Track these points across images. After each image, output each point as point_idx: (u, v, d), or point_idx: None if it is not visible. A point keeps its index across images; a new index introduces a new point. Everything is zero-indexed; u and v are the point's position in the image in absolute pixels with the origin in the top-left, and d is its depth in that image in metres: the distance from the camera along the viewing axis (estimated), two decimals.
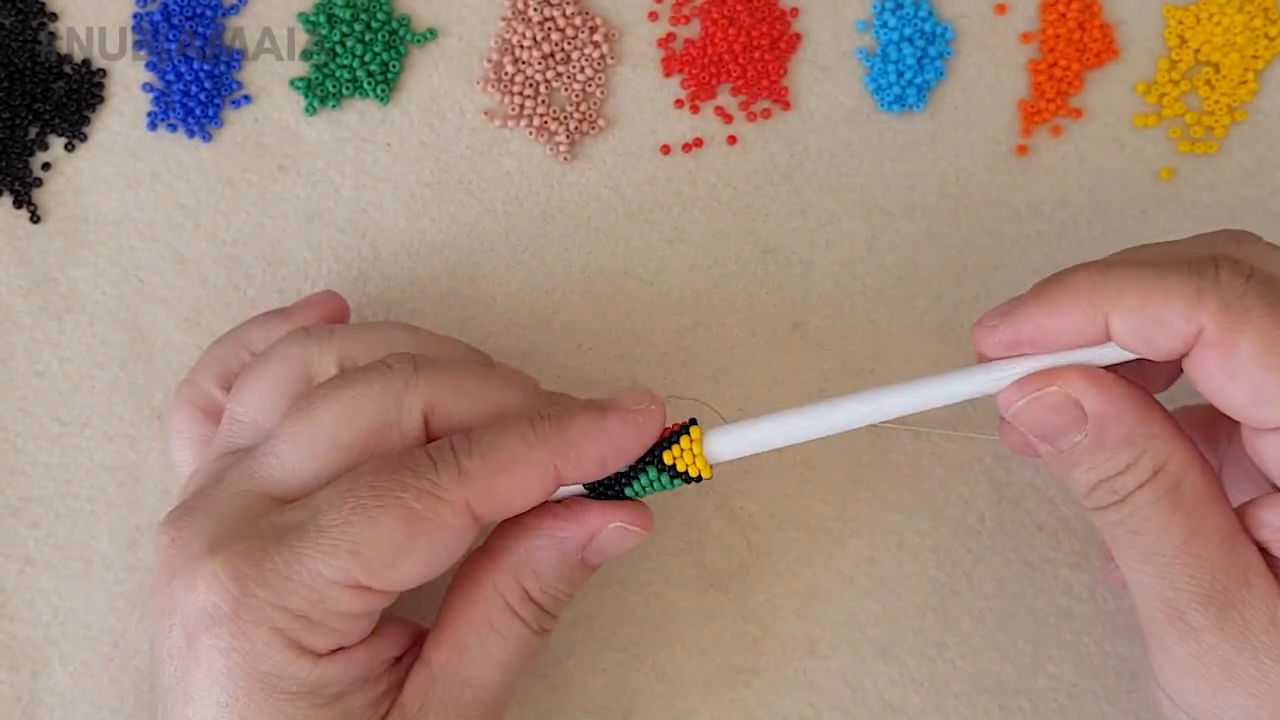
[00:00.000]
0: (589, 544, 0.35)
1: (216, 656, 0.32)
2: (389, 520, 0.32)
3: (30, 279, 0.44)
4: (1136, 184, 0.44)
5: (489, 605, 0.35)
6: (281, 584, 0.32)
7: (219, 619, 0.32)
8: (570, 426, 0.34)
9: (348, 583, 0.32)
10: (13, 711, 0.41)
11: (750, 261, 0.44)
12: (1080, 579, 0.42)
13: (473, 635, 0.34)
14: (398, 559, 0.32)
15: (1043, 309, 0.32)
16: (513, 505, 0.34)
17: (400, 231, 0.44)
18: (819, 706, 0.41)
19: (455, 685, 0.34)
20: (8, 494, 0.43)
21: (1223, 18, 0.44)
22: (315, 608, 0.32)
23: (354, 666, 0.33)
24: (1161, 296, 0.31)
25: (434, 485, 0.32)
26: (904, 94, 0.44)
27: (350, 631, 0.33)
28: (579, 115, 0.44)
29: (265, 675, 0.32)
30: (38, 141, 0.45)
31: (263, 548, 0.32)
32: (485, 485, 0.33)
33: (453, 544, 0.33)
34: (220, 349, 0.39)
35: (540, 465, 0.33)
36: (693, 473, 0.35)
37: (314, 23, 0.45)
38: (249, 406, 0.36)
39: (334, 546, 0.32)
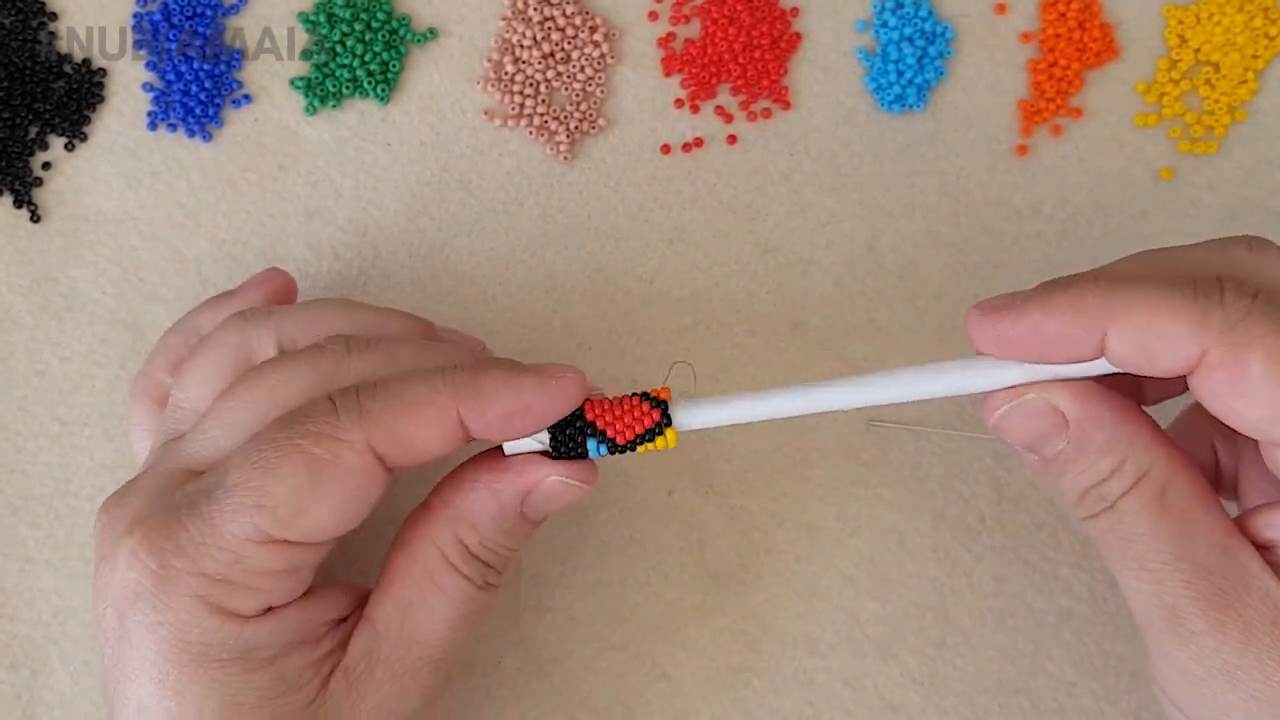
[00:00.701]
0: (527, 497, 0.34)
1: (144, 633, 0.32)
2: (289, 468, 0.31)
3: (30, 278, 0.44)
4: (1136, 183, 0.44)
5: (429, 560, 0.34)
6: (196, 550, 0.31)
7: (141, 594, 0.32)
8: (482, 378, 0.33)
9: (260, 538, 0.32)
10: (13, 710, 0.42)
11: (750, 261, 0.44)
12: (1080, 578, 0.42)
13: (415, 591, 0.34)
14: (304, 506, 0.32)
15: (1044, 313, 0.32)
16: (416, 449, 0.33)
17: (400, 230, 0.44)
18: (819, 705, 0.41)
19: (401, 642, 0.34)
20: (8, 493, 0.43)
21: (1223, 17, 0.44)
22: (233, 569, 0.32)
23: (285, 628, 0.33)
24: (1166, 317, 0.30)
25: (333, 428, 0.32)
26: (904, 93, 0.44)
27: (275, 589, 0.32)
28: (579, 115, 0.44)
29: (193, 645, 0.31)
30: (38, 141, 0.45)
31: (176, 517, 0.32)
32: (387, 426, 0.32)
33: (360, 486, 0.32)
34: (171, 337, 0.39)
35: (444, 409, 0.33)
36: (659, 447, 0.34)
37: (314, 22, 0.45)
38: (190, 393, 0.36)
39: (240, 503, 0.31)
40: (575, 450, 0.34)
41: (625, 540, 0.42)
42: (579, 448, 0.34)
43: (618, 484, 0.42)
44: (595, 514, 0.42)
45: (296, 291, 0.41)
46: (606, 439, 0.34)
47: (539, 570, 0.42)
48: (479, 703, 0.41)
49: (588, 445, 0.34)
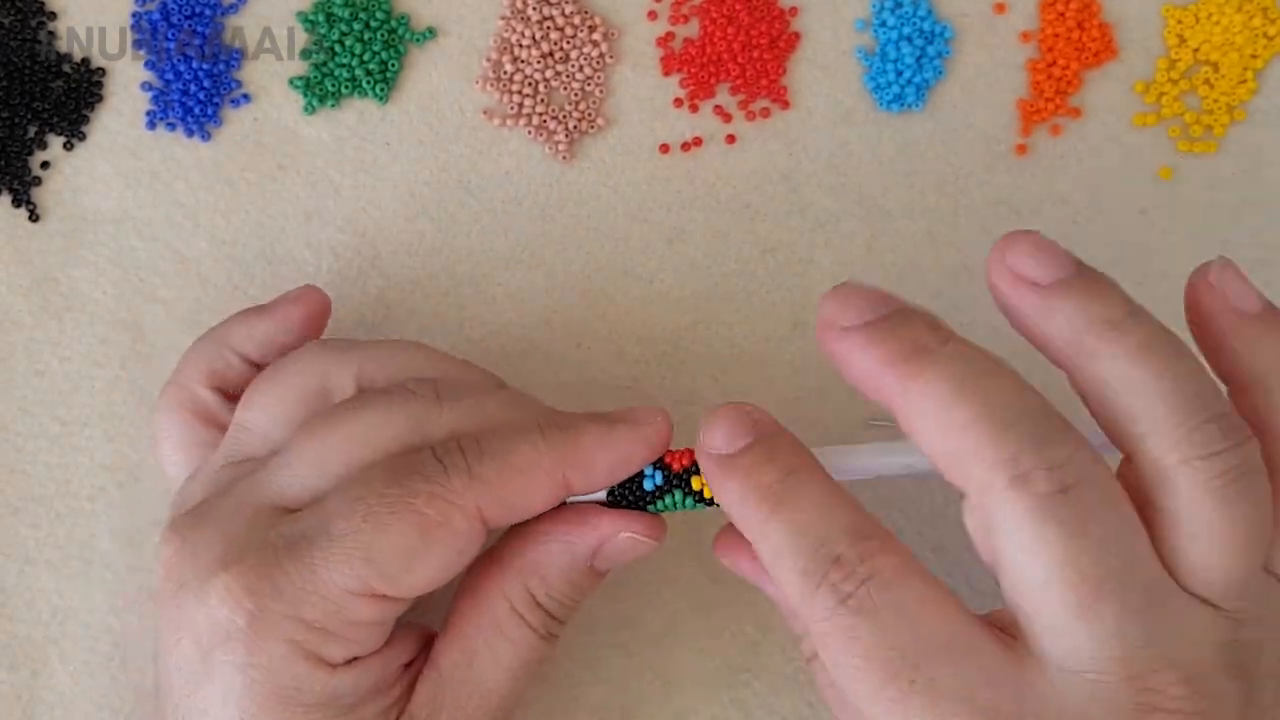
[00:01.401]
0: (598, 551, 0.35)
1: (232, 672, 0.32)
2: (402, 527, 0.32)
3: (29, 278, 0.44)
4: (1136, 183, 0.44)
5: (497, 610, 0.34)
6: (296, 596, 0.31)
7: (234, 634, 0.31)
8: (580, 435, 0.34)
9: (363, 591, 0.32)
10: (13, 710, 0.42)
11: (750, 260, 0.44)
12: None
13: (480, 640, 0.34)
14: (412, 565, 0.32)
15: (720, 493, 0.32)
16: (521, 511, 0.34)
17: (399, 230, 0.44)
18: (818, 706, 0.41)
19: (464, 690, 0.34)
20: (8, 493, 0.43)
21: (1222, 17, 0.44)
22: (331, 618, 0.32)
23: (369, 675, 0.33)
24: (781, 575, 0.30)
25: (445, 490, 0.32)
26: (903, 93, 0.44)
27: (365, 640, 0.33)
28: (578, 114, 0.44)
29: (282, 689, 0.32)
30: (37, 140, 0.44)
31: (275, 560, 0.32)
32: (496, 491, 0.33)
33: (464, 548, 0.33)
34: (203, 348, 0.39)
35: (550, 472, 0.33)
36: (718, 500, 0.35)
37: (313, 22, 0.45)
38: (259, 416, 0.36)
39: (348, 555, 0.31)
40: (633, 490, 0.35)
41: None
42: (637, 486, 0.35)
43: None
44: None
45: (330, 310, 0.40)
46: (662, 464, 0.35)
47: None
48: None
49: (644, 472, 0.35)
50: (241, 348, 0.38)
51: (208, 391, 0.38)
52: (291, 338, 0.39)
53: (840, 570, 0.29)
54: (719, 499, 0.32)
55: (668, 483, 0.35)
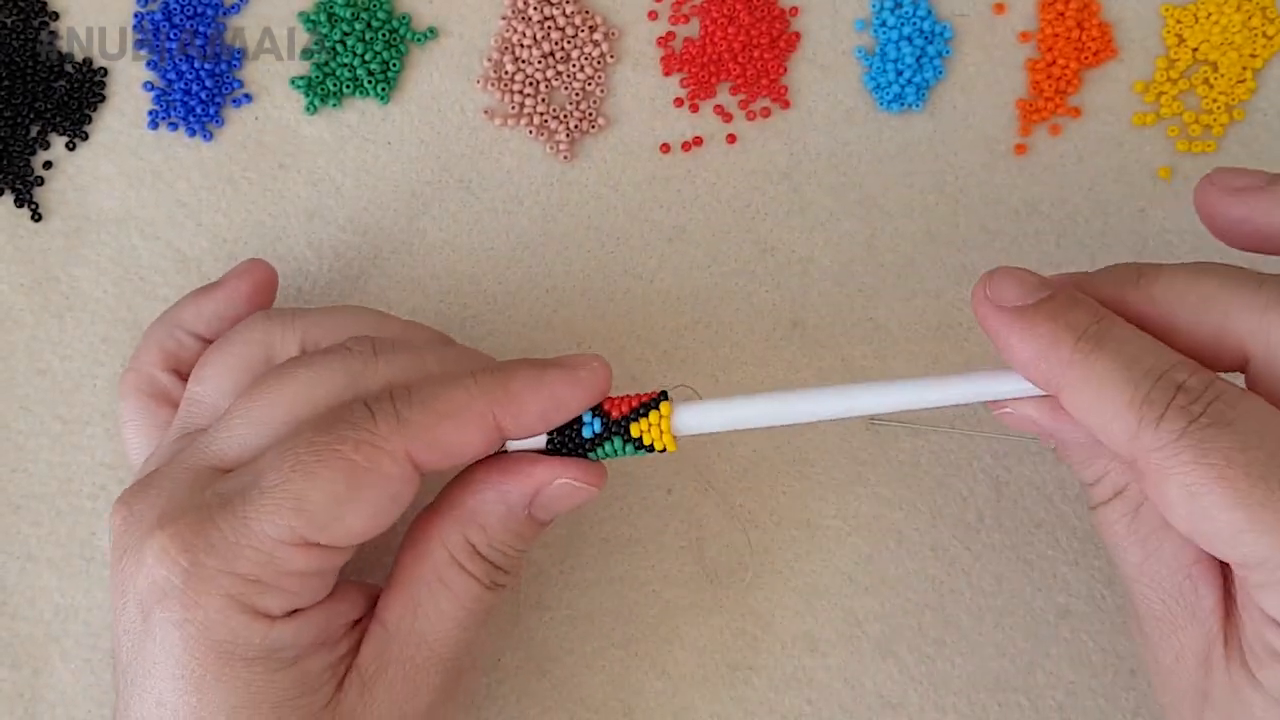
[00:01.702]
0: (536, 499, 0.35)
1: (170, 629, 0.32)
2: (329, 473, 0.32)
3: (32, 277, 0.44)
4: (1135, 182, 0.44)
5: (437, 561, 0.34)
6: (229, 550, 0.32)
7: (170, 592, 0.32)
8: (512, 378, 0.34)
9: (295, 541, 0.32)
10: (14, 708, 0.42)
11: (750, 260, 0.44)
12: (1078, 576, 0.42)
13: (424, 591, 0.34)
14: (342, 511, 0.32)
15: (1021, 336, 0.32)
16: (453, 454, 0.34)
17: (400, 230, 0.44)
18: (818, 703, 0.41)
19: (410, 643, 0.34)
20: (9, 491, 0.43)
21: (1221, 16, 0.44)
22: (266, 569, 0.32)
23: (309, 628, 0.33)
24: (1106, 413, 0.31)
25: (372, 435, 0.32)
26: (903, 93, 0.44)
27: (303, 591, 0.33)
28: (579, 114, 0.45)
29: (220, 643, 0.32)
30: (39, 140, 0.45)
31: (209, 516, 0.32)
32: (425, 433, 0.33)
33: (396, 493, 0.33)
34: (156, 331, 0.39)
35: (480, 414, 0.33)
36: (658, 446, 0.35)
37: (314, 22, 0.45)
38: (208, 387, 0.36)
39: (277, 505, 0.32)
40: (572, 438, 0.35)
41: (625, 539, 0.42)
42: (574, 422, 0.34)
43: (618, 483, 0.42)
44: (595, 513, 0.42)
45: (277, 282, 0.41)
46: (601, 410, 0.35)
47: (539, 569, 0.42)
48: (479, 701, 0.41)
49: (583, 420, 0.34)
50: (193, 327, 0.39)
51: (164, 374, 0.39)
52: (240, 311, 0.39)
53: (1187, 395, 0.30)
54: (1016, 350, 0.32)
55: (606, 429, 0.35)
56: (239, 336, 0.37)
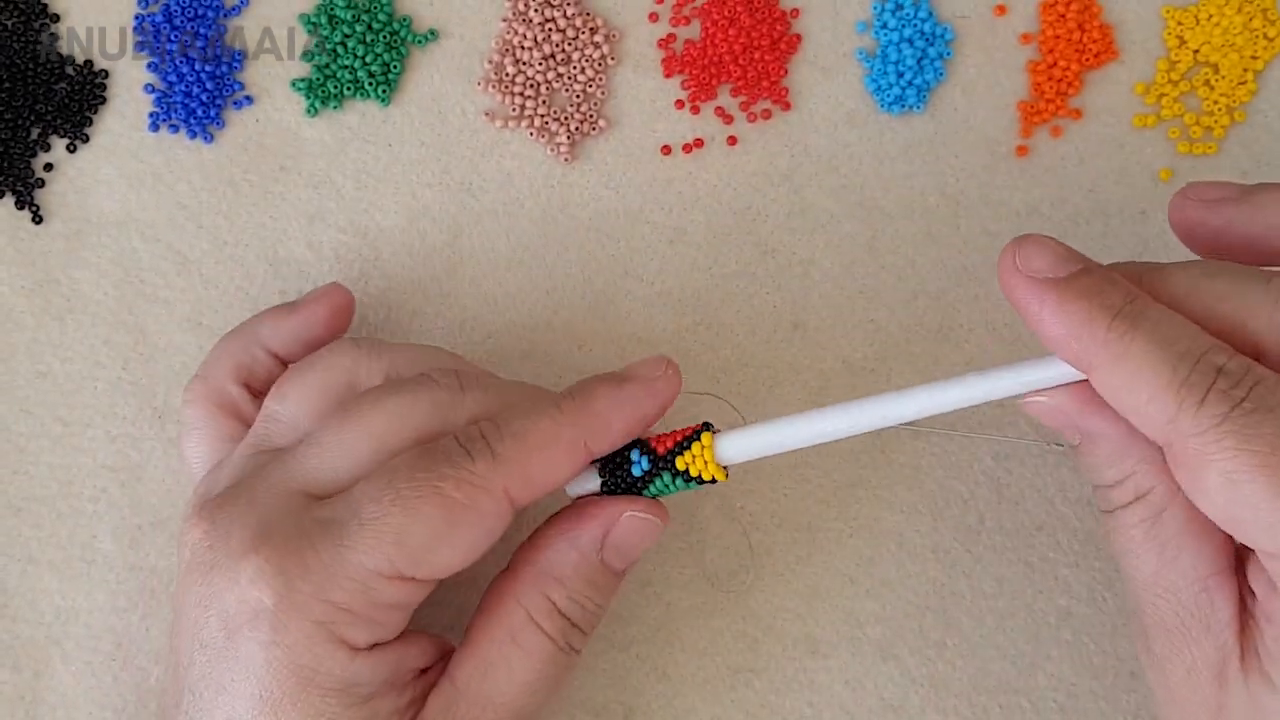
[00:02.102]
0: (606, 541, 0.35)
1: (256, 650, 0.32)
2: (429, 510, 0.32)
3: (33, 280, 0.44)
4: (1136, 184, 0.44)
5: (512, 619, 0.35)
6: (325, 578, 0.32)
7: (261, 613, 0.32)
8: (593, 400, 0.34)
9: (391, 573, 0.32)
10: (15, 711, 0.42)
11: (750, 262, 0.44)
12: (1079, 579, 0.42)
13: (496, 651, 0.34)
14: (439, 547, 0.32)
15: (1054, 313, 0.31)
16: (548, 485, 0.34)
17: (401, 232, 0.44)
18: (819, 706, 0.41)
19: (477, 703, 0.34)
20: (10, 494, 0.43)
21: (1221, 18, 0.44)
22: (358, 600, 0.32)
23: (386, 667, 0.33)
24: (1143, 395, 0.30)
25: (471, 474, 0.33)
26: (904, 95, 0.44)
27: (388, 624, 0.33)
28: (579, 116, 0.45)
29: (303, 669, 0.32)
30: (40, 142, 0.45)
31: (308, 541, 0.32)
32: (520, 468, 0.33)
33: (491, 529, 0.33)
34: (232, 344, 0.40)
35: (570, 442, 0.34)
36: (705, 476, 0.35)
37: (315, 23, 0.45)
38: (289, 406, 0.36)
39: (377, 538, 0.32)
40: (623, 478, 0.35)
41: None
42: (624, 463, 0.35)
43: None
44: None
45: (354, 307, 0.41)
46: (648, 448, 0.35)
47: None
48: None
49: (630, 456, 0.35)
50: (268, 344, 0.39)
51: (235, 386, 0.39)
52: (317, 334, 0.40)
53: (1227, 379, 0.29)
54: (1048, 325, 0.31)
55: (655, 466, 0.35)
56: (324, 361, 0.37)
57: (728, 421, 0.36)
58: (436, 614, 0.41)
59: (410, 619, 0.34)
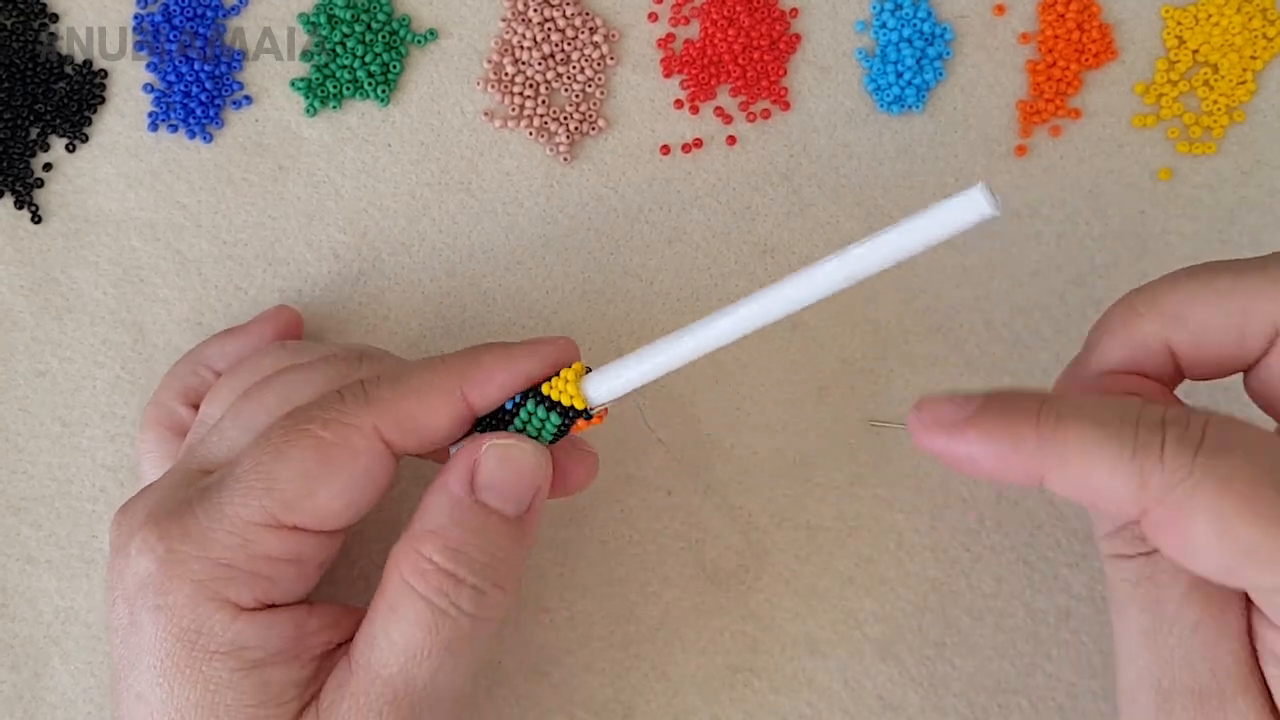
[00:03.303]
0: (475, 481, 0.33)
1: (147, 618, 0.32)
2: (298, 451, 0.32)
3: (32, 279, 0.44)
4: (1135, 184, 0.44)
5: (389, 586, 0.32)
6: (203, 535, 0.32)
7: (148, 581, 0.32)
8: (481, 353, 0.34)
9: (267, 521, 0.32)
10: (14, 710, 0.42)
11: (749, 261, 0.44)
12: (1079, 578, 0.42)
13: (379, 621, 0.32)
14: (313, 489, 0.32)
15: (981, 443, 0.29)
16: (423, 430, 0.33)
17: (400, 232, 0.44)
18: (818, 705, 0.41)
19: (365, 676, 0.32)
20: (9, 493, 0.43)
21: (1221, 18, 0.44)
22: (238, 553, 0.32)
23: (278, 631, 0.32)
24: (1103, 474, 0.28)
25: (340, 414, 0.32)
26: (903, 94, 0.44)
27: (276, 578, 0.32)
28: (579, 116, 0.45)
29: (188, 631, 0.32)
30: (39, 142, 0.45)
31: (188, 507, 0.32)
32: (392, 409, 0.33)
33: (368, 469, 0.32)
34: (180, 368, 0.41)
35: (447, 389, 0.33)
36: (567, 403, 0.33)
37: (314, 23, 0.45)
38: (215, 409, 0.37)
39: (248, 487, 0.32)
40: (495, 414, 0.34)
41: (625, 540, 0.42)
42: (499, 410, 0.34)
43: (618, 484, 0.42)
44: (595, 514, 0.42)
45: (302, 326, 0.42)
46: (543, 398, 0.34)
47: (539, 571, 0.42)
48: (478, 703, 0.41)
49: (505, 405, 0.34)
50: (215, 364, 0.40)
51: (183, 407, 0.40)
52: None
53: (1177, 427, 0.28)
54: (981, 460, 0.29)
55: (523, 397, 0.34)
56: (250, 363, 0.38)
57: None
58: None
59: (315, 580, 0.34)
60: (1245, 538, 0.27)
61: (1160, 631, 0.30)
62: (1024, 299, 0.43)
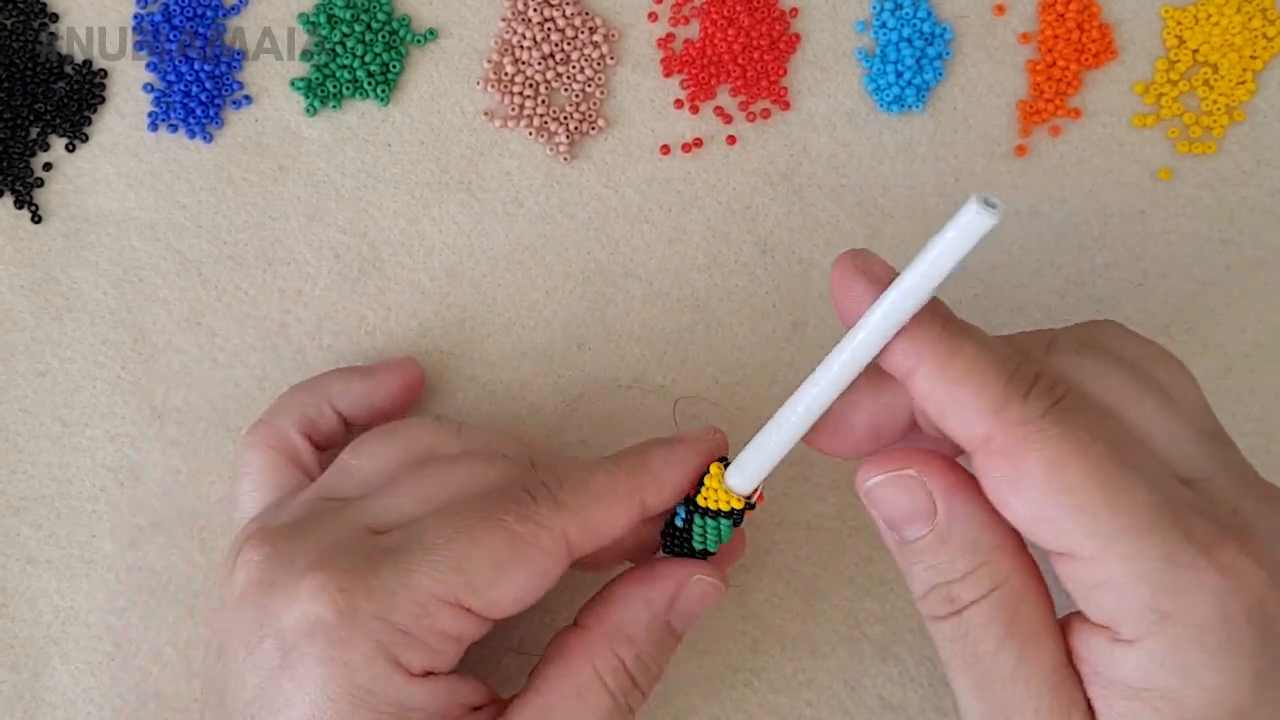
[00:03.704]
0: (674, 603, 0.36)
1: (313, 665, 0.32)
2: (492, 541, 0.33)
3: (32, 279, 0.44)
4: (1135, 184, 0.44)
5: (580, 674, 0.35)
6: (386, 597, 0.32)
7: (320, 629, 0.32)
8: (649, 456, 0.36)
9: (450, 599, 0.32)
10: (14, 711, 0.42)
11: (750, 261, 0.44)
12: None
13: (560, 703, 0.34)
14: (499, 578, 0.33)
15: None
16: (604, 534, 0.35)
17: (400, 232, 0.44)
18: (818, 705, 0.41)
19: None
20: (9, 493, 0.43)
21: (1221, 18, 0.44)
22: (417, 623, 0.32)
23: (439, 696, 0.33)
24: (973, 384, 0.30)
25: (534, 513, 0.34)
26: (903, 94, 0.44)
27: (444, 653, 0.33)
28: (579, 115, 0.45)
29: (358, 688, 0.32)
30: (39, 142, 0.45)
31: (370, 563, 0.33)
32: (579, 514, 0.34)
33: (549, 569, 0.34)
34: (301, 395, 0.40)
35: (626, 494, 0.35)
36: (724, 506, 0.35)
37: (314, 23, 0.45)
38: (365, 462, 0.37)
39: (440, 562, 0.32)
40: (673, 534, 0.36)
41: None
42: (673, 527, 0.36)
43: None
44: None
45: (424, 383, 0.43)
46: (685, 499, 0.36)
47: None
48: None
49: (675, 512, 0.36)
50: (336, 402, 0.40)
51: (299, 436, 0.40)
52: (386, 402, 0.41)
53: (1046, 381, 0.30)
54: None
55: (689, 511, 0.36)
56: (406, 429, 0.38)
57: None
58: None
59: (463, 659, 0.34)
60: (1072, 484, 0.29)
61: (984, 683, 0.31)
62: (1024, 299, 0.43)
